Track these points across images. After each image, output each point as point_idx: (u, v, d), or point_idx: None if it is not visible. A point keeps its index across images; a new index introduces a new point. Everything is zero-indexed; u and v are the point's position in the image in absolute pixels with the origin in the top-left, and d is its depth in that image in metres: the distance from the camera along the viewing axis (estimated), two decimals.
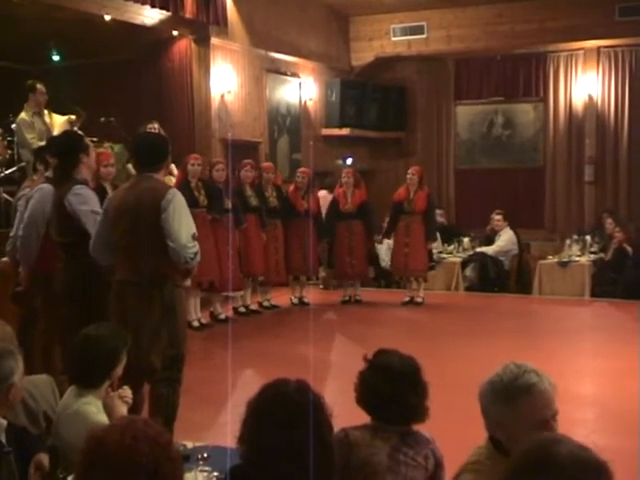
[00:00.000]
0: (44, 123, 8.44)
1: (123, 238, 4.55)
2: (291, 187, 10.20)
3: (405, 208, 10.14)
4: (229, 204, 8.98)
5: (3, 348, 2.61)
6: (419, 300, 10.33)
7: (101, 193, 5.68)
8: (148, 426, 1.88)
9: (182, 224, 4.47)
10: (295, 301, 10.28)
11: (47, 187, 5.41)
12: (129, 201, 4.54)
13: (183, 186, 8.05)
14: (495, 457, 2.42)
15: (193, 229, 4.59)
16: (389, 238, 10.57)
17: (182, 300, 4.73)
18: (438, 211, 13.35)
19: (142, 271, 4.47)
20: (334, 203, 10.32)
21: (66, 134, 6.38)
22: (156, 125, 9.39)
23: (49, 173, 5.61)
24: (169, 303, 4.50)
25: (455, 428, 4.36)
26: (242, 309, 9.62)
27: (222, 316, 9.16)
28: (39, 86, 8.40)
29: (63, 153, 5.19)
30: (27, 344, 5.30)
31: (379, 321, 9.65)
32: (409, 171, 10.31)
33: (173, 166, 9.13)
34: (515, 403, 2.38)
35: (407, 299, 10.39)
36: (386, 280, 11.66)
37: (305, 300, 10.29)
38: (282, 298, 10.22)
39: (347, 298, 10.46)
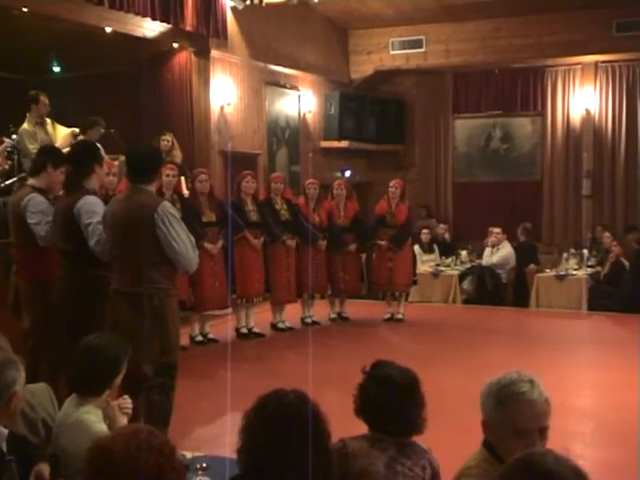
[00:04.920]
0: (46, 133, 8.46)
1: (115, 248, 4.74)
2: (301, 200, 9.77)
3: (387, 221, 9.94)
4: (213, 217, 8.53)
5: (5, 357, 2.63)
6: (399, 317, 10.03)
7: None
8: (152, 436, 1.90)
9: (182, 237, 4.64)
10: (308, 321, 9.76)
11: (37, 196, 5.43)
12: (120, 213, 4.70)
13: None
14: (490, 460, 2.47)
15: (192, 238, 4.78)
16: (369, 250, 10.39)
17: (174, 308, 4.82)
18: (442, 226, 13.44)
19: (132, 281, 4.60)
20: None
21: (83, 144, 6.45)
22: (169, 137, 9.39)
23: (32, 182, 5.59)
24: (159, 312, 4.60)
25: (451, 439, 4.37)
26: (244, 330, 9.03)
27: (211, 335, 8.73)
28: (42, 97, 8.43)
29: (78, 162, 5.24)
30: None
31: (372, 336, 9.39)
32: (391, 184, 10.11)
33: (182, 178, 9.09)
34: (502, 407, 2.45)
35: (388, 315, 10.07)
36: None
37: (315, 319, 9.81)
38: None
39: (335, 316, 10.11)
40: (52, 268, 5.28)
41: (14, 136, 8.64)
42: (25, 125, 8.37)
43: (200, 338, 8.72)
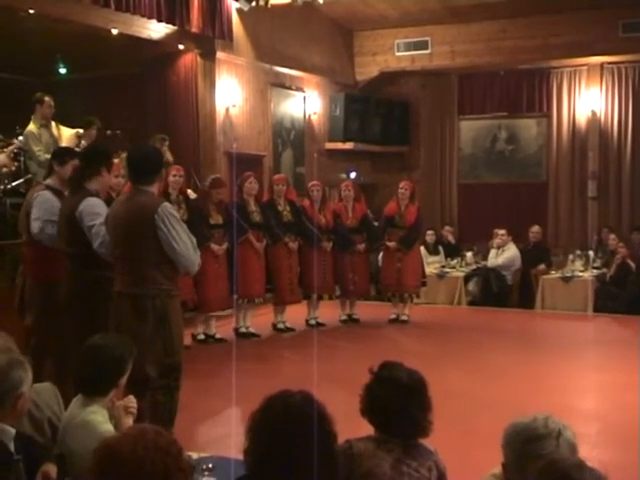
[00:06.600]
0: (51, 135, 8.51)
1: (117, 249, 4.75)
2: (306, 202, 9.74)
3: (397, 222, 9.95)
4: (219, 219, 8.64)
5: (12, 358, 2.64)
6: (404, 318, 10.02)
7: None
8: (159, 436, 1.91)
9: (183, 238, 4.64)
10: (312, 322, 9.75)
11: (46, 194, 5.48)
12: (122, 215, 4.71)
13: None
14: None
15: (193, 238, 4.77)
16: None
17: (177, 309, 4.82)
18: (448, 228, 13.42)
19: (135, 282, 4.61)
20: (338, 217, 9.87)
21: (98, 147, 6.56)
22: (166, 145, 9.36)
23: (48, 181, 5.66)
24: (162, 313, 4.61)
25: (457, 440, 4.37)
26: (243, 329, 9.06)
27: (218, 335, 8.81)
28: (47, 98, 8.47)
29: (88, 160, 5.28)
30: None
31: (377, 337, 9.36)
32: (400, 185, 10.14)
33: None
34: (523, 462, 2.36)
35: (393, 316, 10.07)
36: None
37: (320, 321, 9.78)
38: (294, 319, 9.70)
39: (345, 317, 10.08)
40: (59, 269, 5.28)
41: (20, 137, 8.68)
42: (30, 127, 8.40)
43: (202, 337, 8.78)
